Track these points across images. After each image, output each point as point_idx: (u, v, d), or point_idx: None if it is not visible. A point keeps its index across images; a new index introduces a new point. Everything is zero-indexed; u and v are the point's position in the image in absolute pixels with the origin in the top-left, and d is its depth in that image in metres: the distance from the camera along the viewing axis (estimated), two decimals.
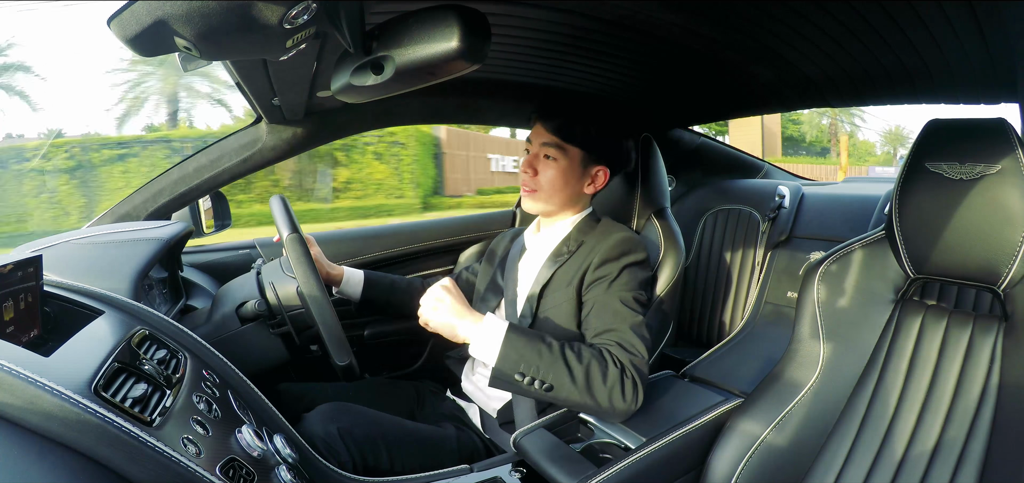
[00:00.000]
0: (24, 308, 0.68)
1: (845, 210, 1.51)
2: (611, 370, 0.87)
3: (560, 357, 0.86)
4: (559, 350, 0.87)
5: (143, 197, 1.25)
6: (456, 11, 0.56)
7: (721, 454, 0.85)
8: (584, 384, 0.86)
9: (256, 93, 1.04)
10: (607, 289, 0.97)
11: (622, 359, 0.89)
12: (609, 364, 0.87)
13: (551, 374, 0.85)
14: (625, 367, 0.88)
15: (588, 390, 0.86)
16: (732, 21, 0.95)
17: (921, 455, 0.76)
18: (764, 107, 1.58)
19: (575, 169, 1.05)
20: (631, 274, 0.99)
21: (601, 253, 1.00)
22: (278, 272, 1.06)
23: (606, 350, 0.89)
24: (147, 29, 0.46)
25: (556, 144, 1.03)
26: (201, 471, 0.58)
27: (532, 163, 1.06)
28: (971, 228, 0.73)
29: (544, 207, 1.08)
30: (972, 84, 1.09)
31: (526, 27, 1.00)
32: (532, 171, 1.05)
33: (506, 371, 0.86)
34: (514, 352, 0.86)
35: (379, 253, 1.61)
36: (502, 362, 0.86)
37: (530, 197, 1.07)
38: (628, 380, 0.87)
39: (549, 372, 0.85)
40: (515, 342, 0.87)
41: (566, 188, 1.06)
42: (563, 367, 0.86)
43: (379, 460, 0.95)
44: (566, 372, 0.86)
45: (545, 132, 1.04)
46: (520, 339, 0.87)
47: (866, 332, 0.84)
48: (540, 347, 0.87)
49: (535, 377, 0.85)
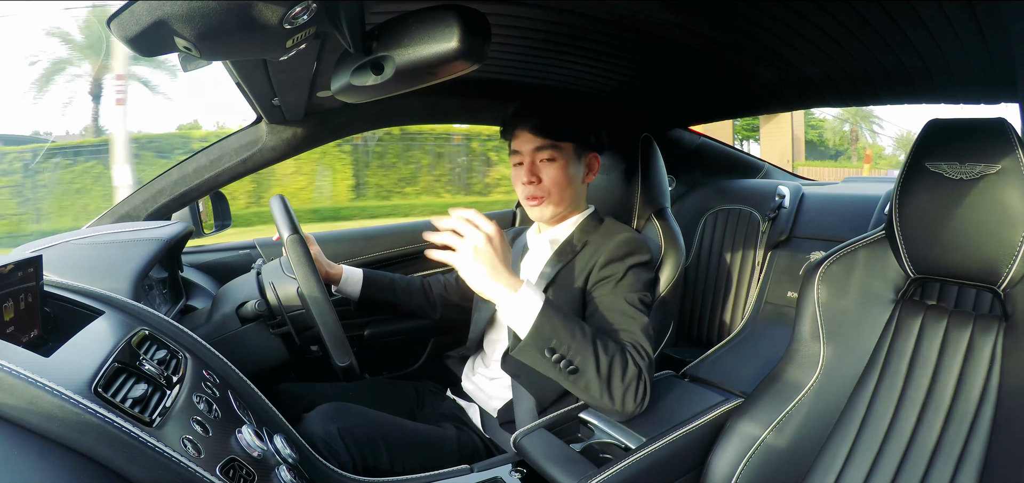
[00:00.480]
0: (24, 308, 0.68)
1: (845, 210, 1.51)
2: (631, 369, 0.87)
3: (591, 343, 0.84)
4: (591, 335, 0.85)
5: (143, 197, 1.25)
6: (456, 11, 0.56)
7: (721, 454, 0.85)
8: (607, 375, 0.84)
9: (256, 93, 1.04)
10: (613, 289, 0.97)
11: (639, 361, 0.88)
12: (630, 363, 0.87)
13: (579, 356, 0.83)
14: (642, 370, 0.88)
15: (609, 382, 0.84)
16: (732, 21, 0.95)
17: (921, 455, 0.76)
18: (764, 107, 1.58)
19: (573, 163, 1.05)
20: (636, 275, 0.99)
21: (606, 253, 0.99)
22: (278, 272, 1.06)
23: (627, 349, 0.89)
24: (147, 29, 0.47)
25: (549, 144, 1.02)
26: (201, 471, 0.58)
27: (532, 171, 1.03)
28: (971, 228, 0.73)
29: (554, 210, 1.06)
30: (972, 84, 1.09)
31: (526, 27, 1.00)
32: (536, 179, 1.03)
33: (538, 343, 0.82)
34: (549, 325, 0.82)
35: (379, 253, 1.61)
36: (535, 333, 0.82)
37: (537, 205, 1.05)
38: (642, 383, 0.87)
39: (578, 354, 0.83)
40: (552, 316, 0.83)
41: (572, 184, 1.05)
42: (592, 353, 0.84)
43: (379, 460, 0.95)
44: (593, 358, 0.84)
45: (533, 136, 1.02)
46: (556, 315, 0.84)
47: (866, 332, 0.84)
48: (574, 327, 0.84)
49: (564, 356, 0.83)
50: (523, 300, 0.83)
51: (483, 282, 0.82)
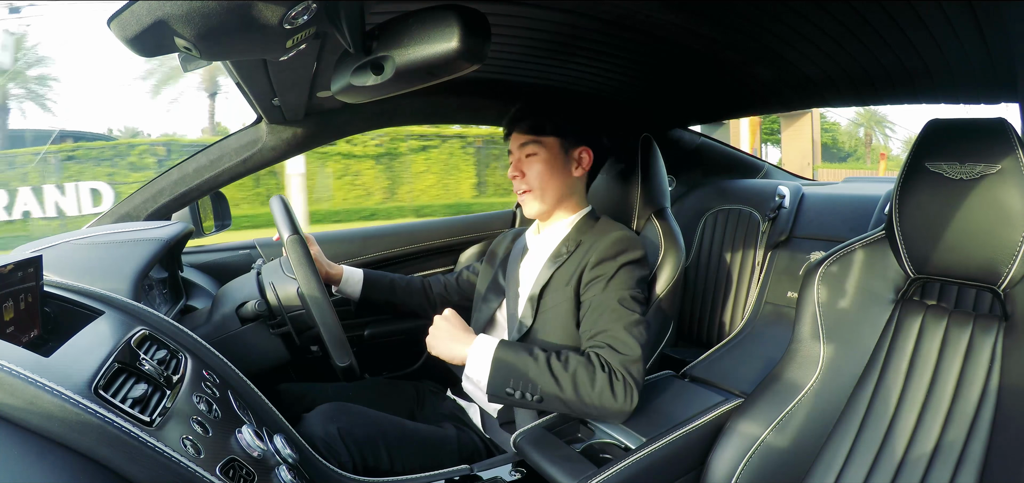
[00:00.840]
0: (24, 308, 0.68)
1: (845, 210, 1.51)
2: (598, 374, 0.88)
3: (546, 368, 0.89)
4: (545, 361, 0.90)
5: (143, 197, 1.25)
6: (456, 11, 0.56)
7: (721, 454, 0.85)
8: (572, 391, 0.88)
9: (256, 93, 1.04)
10: (604, 288, 0.97)
11: (610, 361, 0.89)
12: (596, 368, 0.89)
13: (539, 386, 0.89)
14: (614, 369, 0.89)
15: (577, 396, 0.88)
16: (732, 21, 0.95)
17: (921, 455, 0.76)
18: (764, 107, 1.58)
19: (557, 156, 1.07)
20: (628, 273, 0.99)
21: (598, 252, 1.00)
22: (278, 272, 1.06)
23: (593, 354, 0.91)
24: (147, 29, 0.47)
25: (532, 140, 1.06)
26: (201, 471, 0.58)
27: (518, 167, 1.08)
28: (971, 228, 0.73)
29: (541, 204, 1.09)
30: (972, 84, 1.09)
31: (526, 27, 1.00)
32: (520, 173, 1.08)
33: (497, 388, 0.90)
34: (503, 369, 0.90)
35: (379, 253, 1.61)
36: (492, 382, 0.90)
37: (526, 199, 1.09)
38: (618, 381, 0.88)
39: (536, 385, 0.89)
40: (502, 359, 0.91)
41: (554, 177, 1.07)
42: (550, 378, 0.89)
43: (379, 460, 0.95)
44: (553, 382, 0.88)
45: (519, 134, 1.08)
46: (508, 355, 0.91)
47: (866, 332, 0.84)
48: (527, 361, 0.90)
49: (524, 391, 0.89)
50: (479, 351, 0.93)
51: (443, 348, 0.98)
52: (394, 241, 1.65)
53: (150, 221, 1.22)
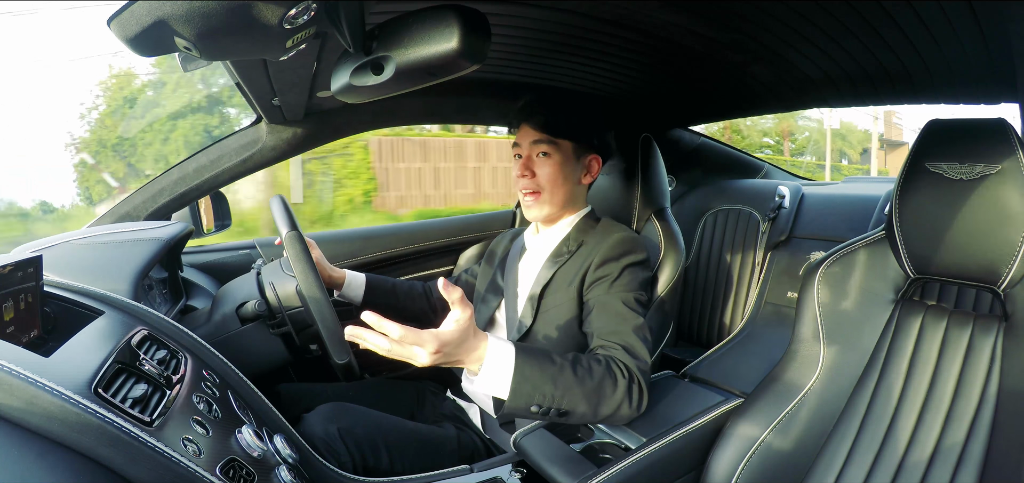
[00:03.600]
0: (24, 308, 0.68)
1: (845, 210, 1.51)
2: (620, 382, 0.85)
3: (572, 379, 0.82)
4: (570, 371, 0.82)
5: (143, 197, 1.25)
6: (456, 11, 0.56)
7: (721, 455, 0.85)
8: (596, 402, 0.83)
9: (256, 93, 1.04)
10: (608, 289, 0.97)
11: (629, 367, 0.87)
12: (618, 376, 0.86)
13: (566, 399, 0.81)
14: (633, 375, 0.87)
15: (599, 406, 0.84)
16: (732, 21, 0.95)
17: (921, 455, 0.76)
18: (764, 107, 1.58)
19: (570, 161, 1.05)
20: (632, 274, 0.99)
21: (602, 253, 0.99)
22: (278, 272, 1.06)
23: (613, 362, 0.87)
24: (147, 29, 0.46)
25: (546, 140, 1.02)
26: (201, 471, 0.58)
27: (528, 165, 1.04)
28: (971, 228, 0.73)
29: (548, 209, 1.06)
30: (972, 84, 1.09)
31: (526, 27, 1.00)
32: (530, 173, 1.04)
33: (520, 404, 0.80)
34: (527, 384, 0.79)
35: (379, 253, 1.61)
36: (515, 396, 0.79)
37: (533, 201, 1.05)
38: (635, 387, 0.87)
39: (564, 398, 0.81)
40: (526, 371, 0.79)
41: (566, 182, 1.05)
42: (578, 391, 0.82)
43: (379, 460, 0.95)
44: (581, 396, 0.82)
45: (533, 131, 1.03)
46: (530, 366, 0.80)
47: (866, 332, 0.84)
48: (552, 371, 0.81)
49: (551, 406, 0.81)
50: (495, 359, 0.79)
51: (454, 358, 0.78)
52: (394, 241, 1.65)
53: (150, 221, 1.22)
